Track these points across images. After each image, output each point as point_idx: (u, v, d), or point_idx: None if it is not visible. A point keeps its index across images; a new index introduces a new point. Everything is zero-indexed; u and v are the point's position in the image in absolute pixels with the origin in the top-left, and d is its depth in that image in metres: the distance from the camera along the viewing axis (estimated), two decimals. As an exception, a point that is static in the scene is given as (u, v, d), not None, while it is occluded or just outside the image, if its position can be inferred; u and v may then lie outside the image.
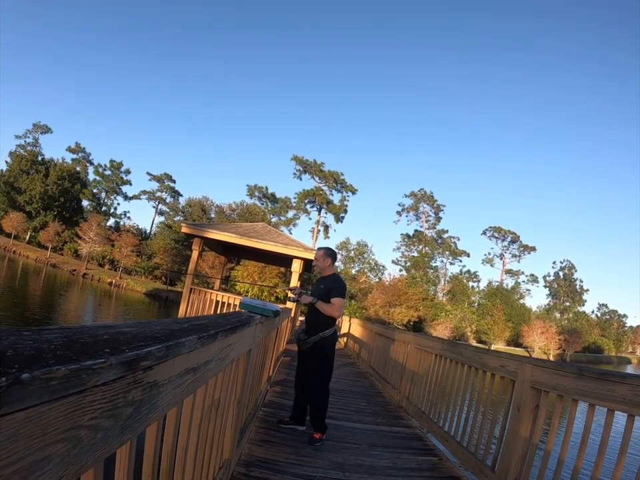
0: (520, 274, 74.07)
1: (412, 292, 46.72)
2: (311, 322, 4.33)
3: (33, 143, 64.85)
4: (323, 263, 4.44)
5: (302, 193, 65.66)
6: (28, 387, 0.50)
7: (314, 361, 4.25)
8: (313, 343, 4.22)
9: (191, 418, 1.55)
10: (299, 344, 4.35)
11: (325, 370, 4.29)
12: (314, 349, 4.23)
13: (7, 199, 55.54)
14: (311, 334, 4.25)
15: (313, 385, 4.23)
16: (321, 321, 4.26)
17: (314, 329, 4.26)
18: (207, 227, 11.48)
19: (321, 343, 4.24)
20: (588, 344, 60.08)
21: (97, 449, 0.71)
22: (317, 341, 4.22)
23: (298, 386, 4.46)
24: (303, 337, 4.30)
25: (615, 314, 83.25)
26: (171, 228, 55.67)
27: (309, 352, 4.27)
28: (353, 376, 8.96)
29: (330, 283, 4.34)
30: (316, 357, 4.25)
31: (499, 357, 3.76)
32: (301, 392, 4.40)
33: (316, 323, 4.28)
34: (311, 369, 4.26)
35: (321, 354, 4.25)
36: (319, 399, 4.22)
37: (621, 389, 2.31)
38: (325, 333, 4.24)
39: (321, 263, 4.45)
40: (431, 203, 72.21)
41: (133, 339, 0.86)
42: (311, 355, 4.27)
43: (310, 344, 4.22)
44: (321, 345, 4.24)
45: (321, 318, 4.25)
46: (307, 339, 4.24)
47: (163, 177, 71.05)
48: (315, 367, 4.25)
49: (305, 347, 4.27)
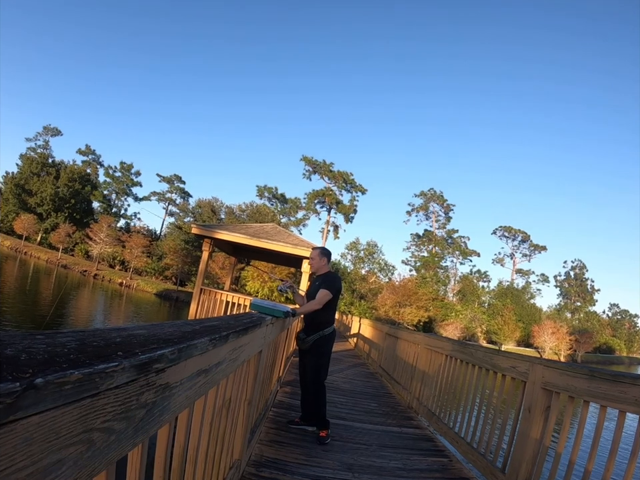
0: (530, 274, 73.56)
1: (422, 292, 46.47)
2: (309, 320, 4.35)
3: (43, 146, 65.52)
4: (319, 262, 4.45)
5: (311, 194, 65.67)
6: (42, 392, 0.51)
7: (311, 358, 4.29)
8: (313, 341, 4.25)
9: (202, 419, 1.56)
10: (299, 343, 4.38)
11: (321, 367, 4.32)
12: (312, 347, 4.27)
13: (18, 201, 56.18)
14: (310, 333, 4.27)
15: (311, 382, 4.28)
16: (318, 319, 4.29)
17: (313, 328, 4.29)
18: (217, 228, 11.52)
19: (320, 341, 4.27)
20: (599, 344, 59.44)
21: (109, 451, 0.71)
22: (317, 339, 4.25)
23: (303, 386, 4.49)
24: (302, 336, 4.33)
25: (626, 314, 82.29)
26: (181, 229, 55.97)
27: (307, 350, 4.30)
28: (363, 376, 8.94)
29: (323, 279, 4.36)
30: (313, 354, 4.28)
31: (510, 358, 3.73)
32: (305, 392, 4.44)
33: (314, 322, 4.30)
34: (309, 367, 4.30)
35: (318, 351, 4.29)
36: (315, 397, 4.27)
37: (633, 391, 2.28)
38: (324, 332, 4.27)
39: (317, 262, 4.45)
40: (440, 203, 71.86)
41: (146, 342, 0.86)
42: (309, 353, 4.30)
43: (309, 343, 4.25)
44: (319, 343, 4.28)
45: (320, 316, 4.27)
46: (307, 338, 4.26)
47: (172, 178, 71.45)
48: (312, 364, 4.29)
49: (305, 346, 4.29)
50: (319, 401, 4.27)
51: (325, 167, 65.68)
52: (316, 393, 4.27)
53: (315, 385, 4.28)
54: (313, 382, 4.28)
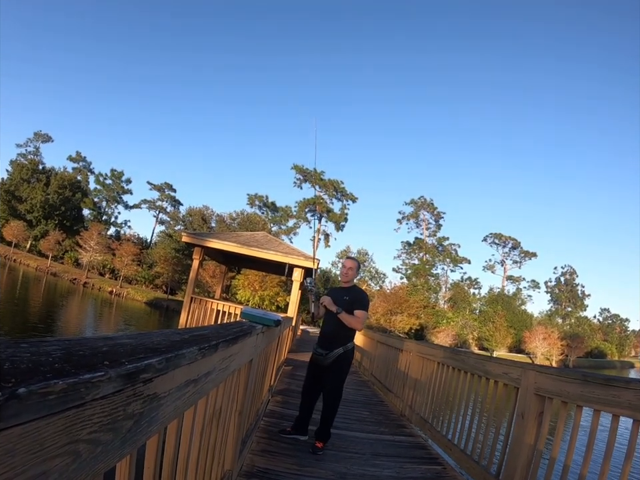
0: (521, 280, 73.86)
1: (413, 300, 46.58)
2: (331, 334, 4.22)
3: (33, 152, 65.08)
4: (355, 274, 4.39)
5: (302, 202, 65.62)
6: (25, 402, 0.49)
7: (332, 374, 4.18)
8: (335, 357, 4.15)
9: (192, 429, 1.54)
10: (319, 359, 4.23)
11: (341, 383, 4.25)
12: (333, 363, 4.16)
13: (7, 208, 55.57)
14: (331, 347, 4.15)
15: (331, 397, 4.19)
16: (342, 334, 4.17)
17: (335, 342, 4.16)
18: (208, 236, 11.50)
19: (342, 356, 4.17)
20: (590, 349, 59.84)
21: (96, 462, 0.69)
22: (340, 354, 4.15)
23: (305, 398, 4.38)
24: (321, 352, 4.19)
25: (617, 318, 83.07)
26: (171, 237, 55.63)
27: (327, 366, 4.19)
28: (354, 385, 8.90)
29: (354, 295, 4.25)
30: (335, 370, 4.18)
31: (502, 364, 3.74)
32: (308, 404, 4.35)
33: (337, 336, 4.18)
34: (329, 383, 4.20)
35: (340, 368, 4.19)
36: (332, 411, 4.18)
37: (626, 394, 2.29)
38: (347, 346, 4.17)
39: (353, 274, 4.37)
40: (431, 211, 72.14)
41: (133, 351, 0.85)
42: (330, 369, 4.19)
43: (332, 359, 4.14)
44: (342, 359, 4.17)
45: (343, 330, 4.16)
46: (329, 354, 4.14)
47: (163, 187, 71.09)
48: (333, 380, 4.19)
49: (326, 362, 4.17)
50: (334, 414, 4.21)
51: (316, 175, 65.73)
52: (335, 407, 4.20)
53: (337, 400, 4.21)
54: (334, 397, 4.19)
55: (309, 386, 4.38)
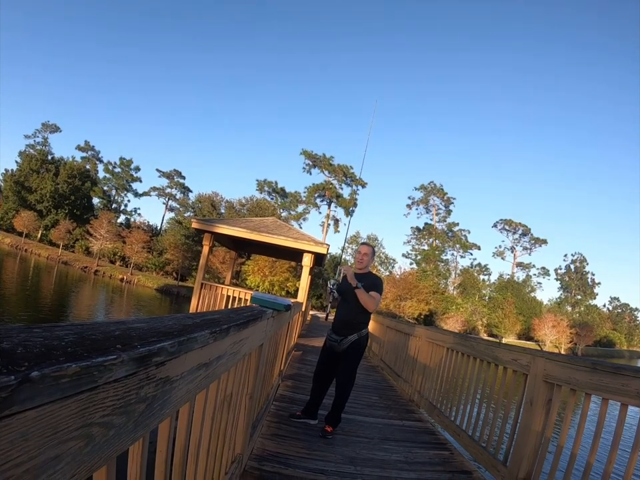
0: (531, 267, 73.55)
1: (422, 285, 46.54)
2: (346, 320, 4.22)
3: (42, 142, 65.31)
4: (370, 260, 4.39)
5: (311, 187, 65.49)
6: (38, 385, 0.49)
7: (345, 361, 4.21)
8: (350, 342, 4.17)
9: (203, 413, 1.55)
10: (333, 345, 4.25)
11: (354, 369, 4.28)
12: (347, 349, 4.18)
13: (17, 198, 56.02)
14: (346, 333, 4.17)
15: (345, 383, 4.21)
16: (357, 320, 4.18)
17: (350, 328, 4.18)
18: (217, 222, 11.49)
19: (357, 342, 4.18)
20: (599, 338, 59.52)
21: (109, 446, 0.70)
22: (355, 340, 4.17)
23: (317, 383, 4.41)
24: (336, 338, 4.22)
25: (626, 307, 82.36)
26: (181, 224, 55.89)
27: (341, 352, 4.21)
28: (364, 370, 8.94)
29: (370, 280, 4.24)
30: (350, 355, 4.20)
31: (512, 351, 3.73)
32: (319, 389, 4.38)
33: (351, 321, 4.18)
34: (343, 369, 4.22)
35: (354, 354, 4.21)
36: (344, 397, 4.21)
37: (635, 383, 2.28)
38: (361, 332, 4.19)
39: (368, 260, 4.36)
40: (441, 196, 71.67)
41: (145, 335, 0.85)
42: (343, 355, 4.21)
43: (346, 345, 4.16)
44: (356, 345, 4.19)
45: (358, 316, 4.17)
46: (343, 339, 4.16)
47: (172, 174, 71.36)
48: (346, 367, 4.21)
49: (341, 348, 4.19)
50: (346, 400, 4.24)
51: (325, 160, 65.47)
52: (347, 393, 4.23)
53: (349, 386, 4.24)
54: (347, 383, 4.22)
55: (321, 371, 4.41)
